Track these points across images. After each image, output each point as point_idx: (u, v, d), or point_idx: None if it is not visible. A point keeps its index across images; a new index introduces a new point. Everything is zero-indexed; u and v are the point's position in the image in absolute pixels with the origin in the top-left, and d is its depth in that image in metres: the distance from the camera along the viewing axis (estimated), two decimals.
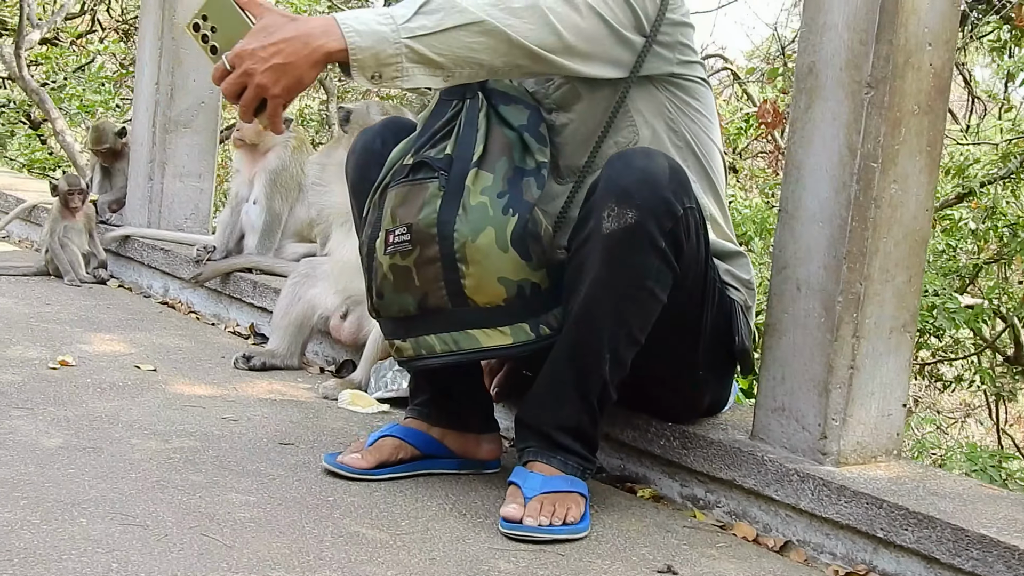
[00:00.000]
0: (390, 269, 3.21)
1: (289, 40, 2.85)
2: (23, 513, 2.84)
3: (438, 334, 3.18)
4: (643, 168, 3.00)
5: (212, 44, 2.91)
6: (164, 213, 6.68)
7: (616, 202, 2.98)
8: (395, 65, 2.93)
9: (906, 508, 2.89)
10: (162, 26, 6.58)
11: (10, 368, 4.26)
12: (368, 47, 2.90)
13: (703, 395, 3.49)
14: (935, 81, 3.13)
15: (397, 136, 3.44)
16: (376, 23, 2.90)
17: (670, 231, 3.03)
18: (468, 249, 3.09)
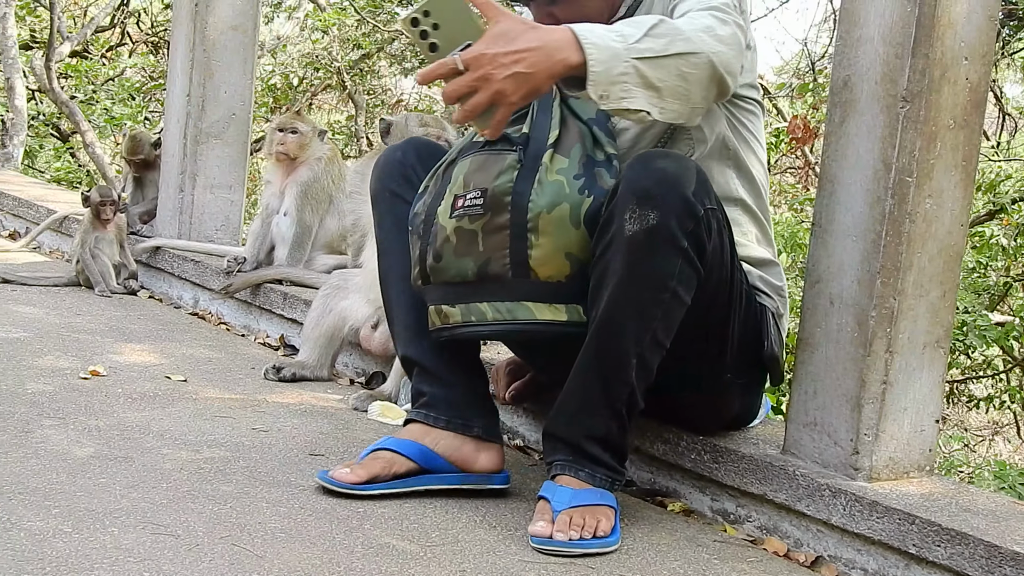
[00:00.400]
0: (455, 232, 3.21)
1: (533, 50, 2.83)
2: (55, 522, 2.85)
3: (491, 302, 3.17)
4: (664, 169, 2.99)
5: (432, 41, 2.85)
6: (195, 224, 6.69)
7: (637, 203, 2.96)
8: (622, 84, 2.92)
9: (939, 524, 2.87)
10: (194, 38, 6.61)
11: (42, 378, 4.27)
12: (604, 62, 2.89)
13: (731, 402, 3.48)
14: (971, 95, 3.12)
15: (420, 152, 3.50)
16: (610, 39, 2.91)
17: (692, 231, 3.01)
18: (541, 220, 3.10)
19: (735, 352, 3.35)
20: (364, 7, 15.77)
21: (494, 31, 2.83)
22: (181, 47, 6.76)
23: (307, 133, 5.79)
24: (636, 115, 2.99)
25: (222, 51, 6.67)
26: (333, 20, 16.04)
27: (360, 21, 16.29)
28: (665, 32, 2.98)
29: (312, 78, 17.57)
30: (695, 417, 3.52)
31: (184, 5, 6.74)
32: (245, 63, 6.76)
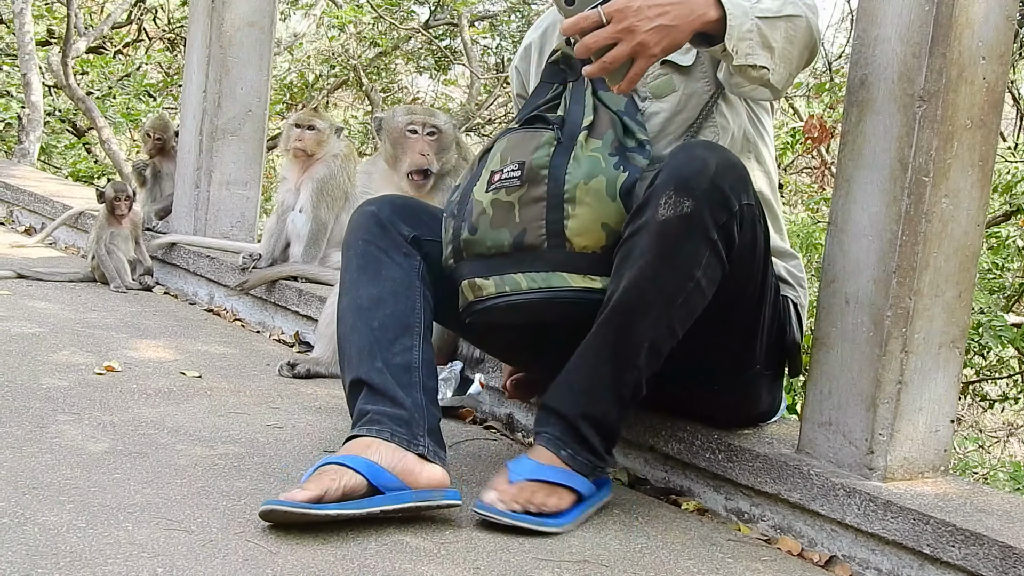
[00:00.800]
0: (491, 204, 3.23)
1: (677, 3, 2.89)
2: (69, 517, 2.85)
3: (526, 272, 3.17)
4: (704, 159, 2.99)
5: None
6: (210, 221, 6.70)
7: (675, 190, 2.97)
8: (748, 42, 3.02)
9: (953, 525, 2.87)
10: (210, 34, 6.62)
11: (56, 373, 4.28)
12: (738, 17, 2.98)
13: (760, 394, 3.52)
14: (988, 95, 3.11)
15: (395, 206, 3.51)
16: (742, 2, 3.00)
17: (723, 224, 3.02)
18: (579, 190, 3.13)
19: (764, 345, 3.38)
20: (380, 4, 15.78)
21: None
22: (198, 43, 6.77)
23: (324, 130, 5.79)
24: (758, 73, 3.08)
25: (239, 47, 6.68)
26: (349, 18, 16.06)
27: (377, 19, 16.30)
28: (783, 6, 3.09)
29: (328, 75, 17.60)
30: (724, 411, 3.52)
31: (201, 1, 6.75)
32: (261, 59, 6.77)
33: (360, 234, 3.46)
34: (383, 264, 3.38)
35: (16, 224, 8.39)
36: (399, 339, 3.29)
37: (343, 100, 20.12)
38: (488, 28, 17.57)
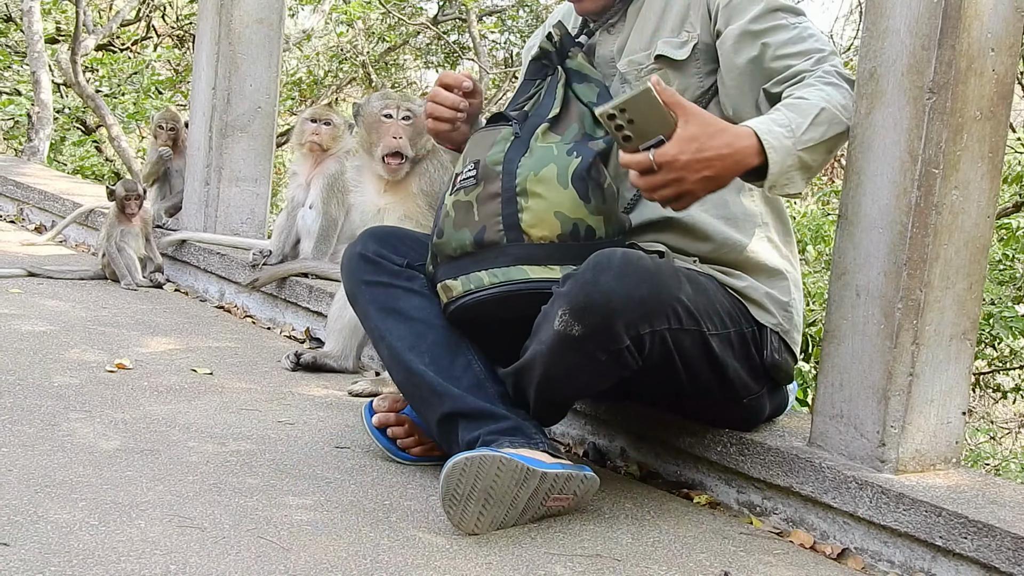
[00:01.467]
0: (453, 206, 3.27)
1: (723, 157, 2.97)
2: (82, 515, 2.86)
3: (489, 270, 3.19)
4: (607, 293, 2.98)
5: (626, 134, 2.92)
6: (220, 217, 6.70)
7: (569, 312, 3.01)
8: (788, 174, 3.08)
9: (965, 516, 2.86)
10: (219, 31, 6.62)
11: (68, 371, 4.29)
12: (779, 163, 3.04)
13: (760, 406, 3.50)
14: (998, 87, 3.11)
15: (377, 237, 3.56)
16: (783, 136, 3.05)
17: (613, 351, 3.06)
18: (530, 182, 3.15)
19: (741, 383, 3.38)
20: (389, 0, 15.78)
21: (686, 134, 2.92)
22: (206, 40, 6.77)
23: (340, 125, 5.78)
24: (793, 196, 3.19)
25: (247, 44, 6.68)
26: (358, 13, 16.06)
27: (385, 14, 16.31)
28: (824, 120, 3.13)
29: (337, 71, 17.61)
30: (732, 424, 3.51)
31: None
32: (271, 56, 6.77)
33: (357, 277, 3.51)
34: (396, 297, 3.44)
35: (27, 222, 8.40)
36: (455, 362, 3.34)
37: (352, 96, 20.14)
38: (497, 23, 17.56)
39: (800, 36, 3.31)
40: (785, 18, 3.32)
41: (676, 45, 3.40)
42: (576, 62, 3.43)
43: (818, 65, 3.26)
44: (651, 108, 2.89)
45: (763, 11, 3.31)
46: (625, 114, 2.88)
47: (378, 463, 3.54)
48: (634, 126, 2.90)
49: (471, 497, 2.98)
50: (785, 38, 3.30)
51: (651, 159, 2.91)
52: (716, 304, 3.25)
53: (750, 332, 3.37)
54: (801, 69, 3.27)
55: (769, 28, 3.30)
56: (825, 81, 3.22)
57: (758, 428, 3.49)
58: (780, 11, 3.32)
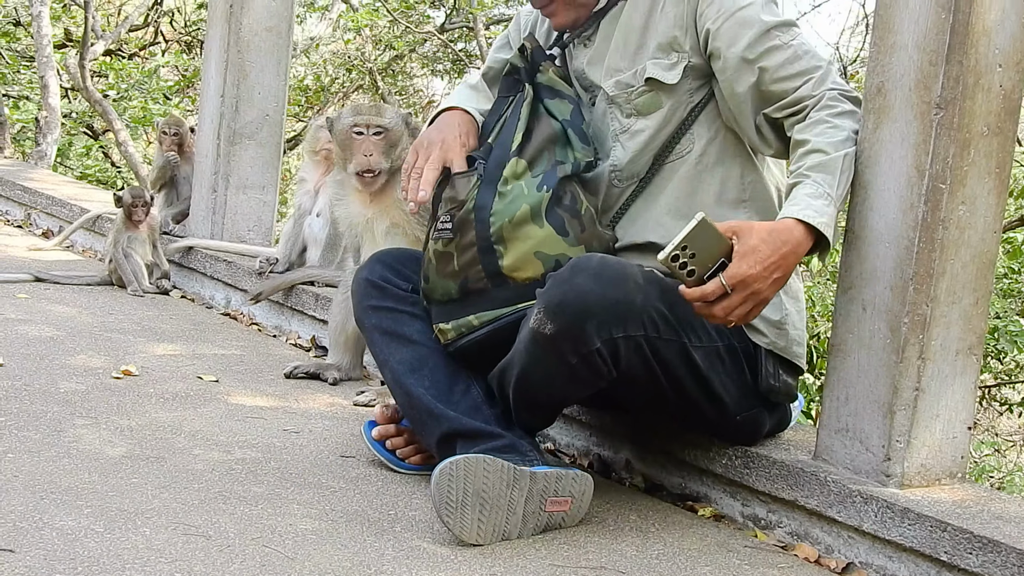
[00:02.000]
0: (434, 254, 3.31)
1: (785, 256, 3.01)
2: (87, 522, 2.86)
3: (476, 314, 3.23)
4: (583, 292, 3.01)
5: (691, 269, 2.93)
6: (227, 225, 6.71)
7: (544, 310, 3.04)
8: (831, 237, 3.10)
9: (971, 532, 2.86)
10: (228, 39, 6.63)
11: (74, 377, 4.29)
12: (833, 236, 3.11)
13: (758, 426, 3.48)
14: (1005, 102, 3.11)
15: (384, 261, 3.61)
16: (825, 208, 3.09)
17: (584, 354, 3.08)
18: (504, 230, 3.18)
19: (733, 399, 3.36)
20: (396, 8, 15.80)
21: (745, 248, 2.97)
22: (215, 47, 6.78)
23: None
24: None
25: (256, 52, 6.69)
26: (366, 21, 16.08)
27: (392, 22, 16.32)
28: (848, 166, 3.18)
29: (344, 79, 17.62)
30: (734, 440, 3.51)
31: (219, 6, 6.76)
32: (279, 64, 6.78)
33: (364, 303, 3.56)
34: (400, 322, 3.48)
35: (34, 227, 8.40)
36: (454, 387, 3.37)
37: None
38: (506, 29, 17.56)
39: (795, 55, 3.29)
40: (778, 37, 3.30)
41: (666, 67, 3.38)
42: (547, 77, 3.43)
43: (819, 87, 3.26)
44: (709, 235, 2.91)
45: (756, 36, 3.29)
46: (687, 250, 2.89)
47: (383, 473, 3.55)
48: (696, 259, 2.91)
49: (465, 503, 2.99)
50: (781, 60, 3.28)
51: (724, 285, 2.92)
52: (702, 320, 3.22)
53: (743, 347, 3.36)
54: (802, 96, 3.27)
55: (764, 52, 3.29)
56: (834, 112, 3.22)
57: (763, 442, 3.49)
58: (773, 30, 3.30)
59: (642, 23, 3.43)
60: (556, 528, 3.20)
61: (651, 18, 3.42)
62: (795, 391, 3.51)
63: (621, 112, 3.43)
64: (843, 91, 3.27)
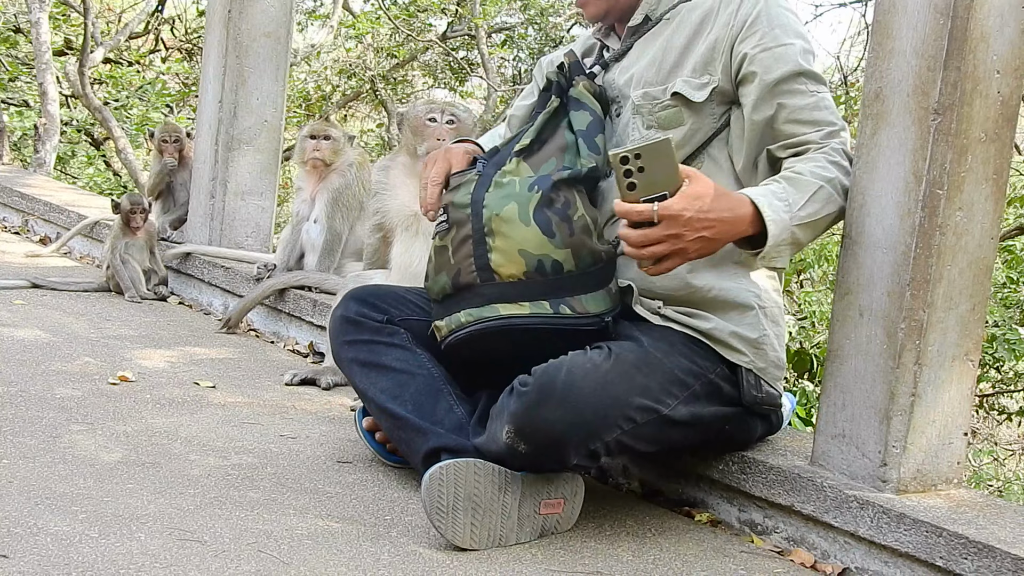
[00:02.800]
0: (433, 251, 3.32)
1: (724, 221, 3.01)
2: (82, 527, 2.86)
3: (466, 310, 3.22)
4: (549, 422, 3.02)
5: (632, 181, 2.91)
6: (225, 231, 6.71)
7: (514, 431, 3.05)
8: (780, 248, 3.13)
9: (966, 537, 2.86)
10: (226, 45, 6.63)
11: (70, 383, 4.29)
12: (776, 235, 3.09)
13: (746, 434, 3.48)
14: (1003, 109, 3.11)
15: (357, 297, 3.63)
16: (782, 209, 3.10)
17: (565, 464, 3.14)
18: (494, 222, 3.18)
19: (717, 418, 3.35)
20: (398, 16, 15.81)
21: (692, 192, 2.95)
22: (214, 53, 6.78)
23: (339, 139, 5.80)
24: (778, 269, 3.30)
25: (255, 58, 6.69)
26: (367, 29, 16.08)
27: (394, 30, 16.33)
28: (821, 198, 3.19)
29: (345, 87, 17.63)
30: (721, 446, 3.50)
31: (217, 12, 6.76)
32: (278, 70, 6.78)
33: (340, 338, 3.60)
34: (378, 353, 3.50)
35: (31, 234, 8.40)
36: (437, 407, 3.37)
37: (360, 111, 20.16)
38: (505, 40, 17.58)
39: (816, 105, 3.30)
40: (807, 84, 3.31)
41: (696, 86, 3.37)
42: (577, 90, 3.43)
43: (827, 139, 3.27)
44: (666, 161, 2.89)
45: (788, 73, 3.29)
46: (639, 160, 2.87)
47: (379, 478, 3.55)
48: (643, 175, 2.89)
49: (457, 507, 3.00)
50: (801, 104, 3.29)
51: (654, 211, 2.91)
52: (675, 371, 3.22)
53: (720, 372, 3.34)
54: (809, 140, 3.28)
55: (789, 91, 3.29)
56: (830, 159, 3.24)
57: (760, 447, 3.49)
58: (804, 76, 3.31)
59: (684, 44, 3.43)
60: (552, 533, 3.19)
61: (694, 40, 3.42)
62: (779, 399, 3.49)
63: (643, 123, 3.42)
64: (847, 151, 3.29)
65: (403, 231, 4.71)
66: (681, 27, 3.45)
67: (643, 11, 3.53)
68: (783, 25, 3.33)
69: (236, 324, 5.83)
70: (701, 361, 3.30)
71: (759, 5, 3.34)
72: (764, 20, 3.32)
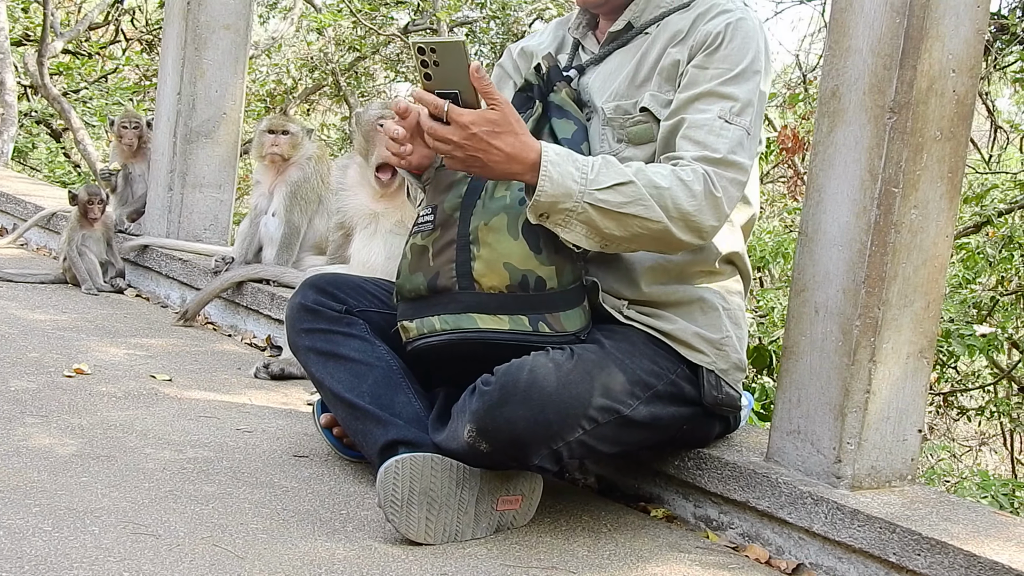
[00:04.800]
0: (410, 249, 3.29)
1: (501, 151, 3.00)
2: (35, 520, 2.85)
3: (441, 315, 3.19)
4: (511, 421, 3.01)
5: (428, 72, 2.98)
6: (183, 223, 6.69)
7: (476, 430, 3.03)
8: (565, 215, 3.06)
9: (919, 533, 2.88)
10: (185, 36, 6.61)
11: (25, 375, 4.27)
12: (550, 195, 3.03)
13: (704, 433, 3.49)
14: (958, 108, 3.12)
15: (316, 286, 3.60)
16: (571, 178, 3.04)
17: (525, 463, 3.14)
18: (481, 231, 3.16)
19: (675, 419, 3.34)
20: (360, 9, 15.78)
21: (488, 115, 2.98)
22: (172, 45, 6.76)
23: (298, 133, 5.79)
24: (572, 244, 3.15)
25: (214, 50, 6.67)
26: (328, 21, 16.05)
27: (356, 23, 16.30)
28: (630, 193, 3.07)
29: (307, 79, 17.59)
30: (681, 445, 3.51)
31: (176, 3, 6.74)
32: (237, 62, 6.76)
33: (297, 326, 3.56)
34: (334, 342, 3.47)
35: None
36: (395, 399, 3.34)
37: (321, 104, 20.11)
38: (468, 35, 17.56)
39: (715, 127, 3.20)
40: (719, 105, 3.22)
41: (662, 103, 3.33)
42: (559, 97, 3.41)
43: (696, 161, 3.16)
44: (457, 62, 2.95)
45: (705, 92, 3.24)
46: (435, 54, 2.94)
47: (336, 472, 3.54)
48: (439, 69, 2.96)
49: (412, 501, 3.00)
50: (700, 120, 3.21)
51: (444, 108, 2.96)
52: (638, 372, 3.22)
53: (682, 373, 3.34)
54: (680, 156, 3.20)
55: (696, 108, 3.24)
56: (678, 174, 3.13)
57: (715, 443, 3.50)
58: (721, 98, 3.23)
59: (655, 58, 3.40)
60: (508, 528, 3.19)
61: (664, 54, 3.38)
62: (739, 400, 3.50)
63: (613, 136, 3.40)
64: (713, 180, 3.15)
65: (362, 229, 4.70)
66: (656, 42, 3.42)
67: (627, 17, 3.49)
68: (738, 48, 3.27)
69: (193, 317, 5.81)
70: (663, 362, 3.30)
71: (725, 26, 3.29)
72: (722, 40, 3.27)
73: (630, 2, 3.49)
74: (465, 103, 2.99)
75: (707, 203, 3.12)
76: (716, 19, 3.32)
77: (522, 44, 3.85)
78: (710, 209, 3.13)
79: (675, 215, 3.10)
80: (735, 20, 3.29)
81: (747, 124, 3.23)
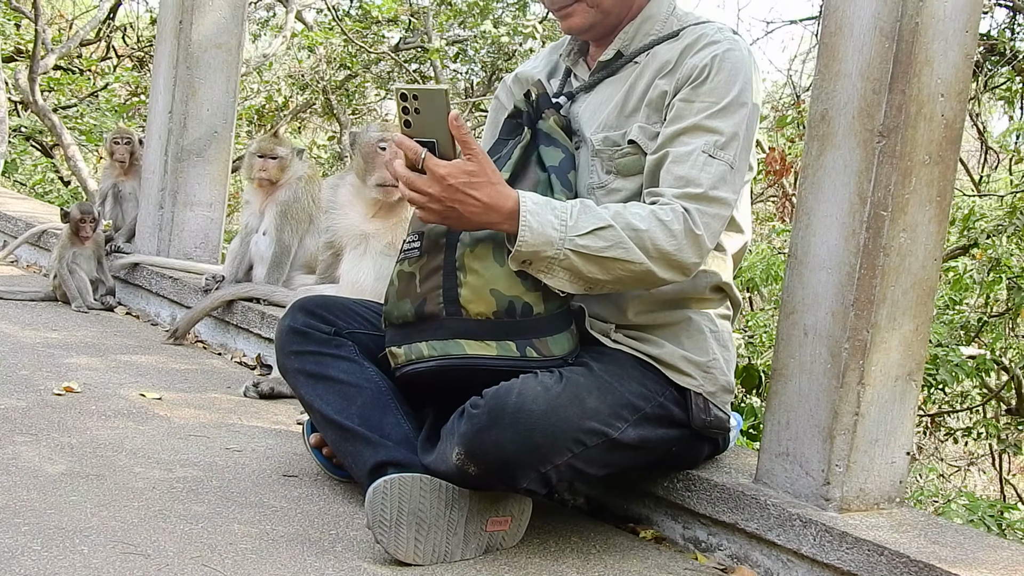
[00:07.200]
0: (397, 275, 3.29)
1: (479, 204, 3.04)
2: (24, 540, 2.84)
3: (428, 341, 3.19)
4: (499, 444, 3.01)
5: (408, 119, 3.00)
6: (174, 242, 6.69)
7: (464, 453, 3.03)
8: (547, 262, 3.08)
9: (907, 556, 2.88)
10: (177, 55, 6.62)
11: (15, 393, 4.26)
12: (531, 245, 3.05)
13: (693, 454, 3.49)
14: (947, 132, 3.14)
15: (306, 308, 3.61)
16: (551, 225, 3.06)
17: (515, 487, 3.13)
18: (467, 258, 3.15)
19: (663, 441, 3.34)
20: (351, 27, 15.79)
21: (465, 167, 3.02)
22: (164, 63, 6.77)
23: (286, 156, 5.80)
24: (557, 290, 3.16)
25: (205, 68, 6.68)
26: (320, 39, 16.06)
27: (347, 42, 16.31)
28: (609, 237, 3.09)
29: (298, 97, 17.59)
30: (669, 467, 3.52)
31: (168, 21, 6.75)
32: (228, 81, 6.77)
33: (287, 348, 3.57)
34: (324, 364, 3.47)
35: None
36: (384, 420, 3.34)
37: (312, 122, 20.10)
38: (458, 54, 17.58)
39: (697, 162, 3.20)
40: (703, 139, 3.21)
41: (650, 135, 3.33)
42: (548, 125, 3.40)
43: (678, 199, 3.16)
44: (438, 112, 2.98)
45: (691, 126, 3.24)
46: (416, 101, 2.97)
47: (325, 492, 3.54)
48: (419, 116, 2.99)
49: (400, 522, 3.00)
50: (683, 153, 3.21)
51: (422, 156, 2.99)
52: (626, 394, 3.22)
53: (670, 396, 3.34)
54: (662, 193, 3.20)
55: (681, 141, 3.23)
56: (657, 215, 3.13)
57: (704, 465, 3.50)
58: (706, 132, 3.22)
59: (644, 88, 3.39)
60: (497, 549, 3.20)
61: (653, 84, 3.37)
62: (727, 422, 3.50)
63: (602, 167, 3.40)
64: (693, 218, 3.15)
65: (352, 249, 4.71)
66: (645, 72, 3.41)
67: (616, 45, 3.49)
68: (724, 81, 3.26)
69: (183, 335, 5.81)
70: (651, 384, 3.30)
71: (712, 58, 3.27)
72: (708, 73, 3.26)
73: (619, 30, 3.49)
74: (442, 154, 3.02)
75: (687, 241, 3.13)
76: (703, 51, 3.31)
77: (517, 71, 3.85)
78: (691, 247, 3.14)
79: (655, 255, 3.11)
80: (722, 52, 3.28)
81: (731, 159, 3.22)
